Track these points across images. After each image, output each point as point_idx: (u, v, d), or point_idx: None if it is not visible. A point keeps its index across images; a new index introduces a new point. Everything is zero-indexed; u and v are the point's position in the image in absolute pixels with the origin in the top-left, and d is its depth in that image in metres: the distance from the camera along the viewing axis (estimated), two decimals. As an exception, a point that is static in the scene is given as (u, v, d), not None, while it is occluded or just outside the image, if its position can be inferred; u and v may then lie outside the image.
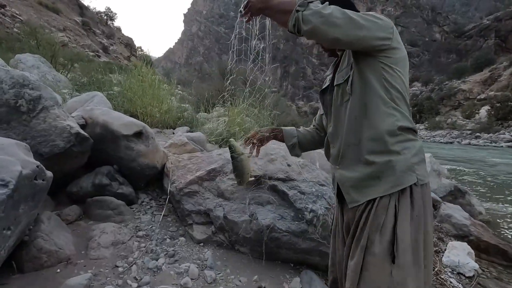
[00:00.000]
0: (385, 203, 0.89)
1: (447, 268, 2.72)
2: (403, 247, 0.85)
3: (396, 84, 0.94)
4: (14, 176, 1.27)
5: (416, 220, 0.88)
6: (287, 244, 1.90)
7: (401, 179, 0.89)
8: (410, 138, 0.94)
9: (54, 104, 1.95)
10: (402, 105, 0.95)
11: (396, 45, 0.94)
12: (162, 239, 2.01)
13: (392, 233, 0.87)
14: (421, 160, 0.93)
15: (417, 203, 0.88)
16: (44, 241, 1.57)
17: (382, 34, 0.91)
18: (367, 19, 0.89)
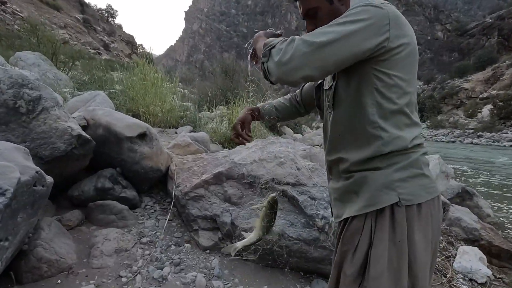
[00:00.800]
0: (360, 222, 0.81)
1: (459, 274, 2.64)
2: (375, 273, 0.75)
3: (391, 95, 0.78)
4: (12, 184, 1.19)
5: (398, 246, 0.76)
6: (298, 253, 1.82)
7: (375, 198, 0.78)
8: (401, 153, 0.79)
9: (55, 105, 1.86)
10: (396, 121, 0.79)
11: (396, 42, 0.75)
12: (166, 246, 1.94)
13: (366, 255, 0.78)
14: (411, 176, 0.78)
15: (400, 226, 0.76)
16: (44, 249, 1.49)
17: (373, 41, 0.72)
18: (348, 31, 0.71)
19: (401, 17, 0.78)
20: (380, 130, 0.78)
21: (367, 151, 0.80)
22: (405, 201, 0.76)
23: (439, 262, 2.71)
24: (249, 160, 2.17)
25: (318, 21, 0.89)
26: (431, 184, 0.81)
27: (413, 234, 0.76)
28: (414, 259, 0.76)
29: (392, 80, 0.77)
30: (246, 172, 2.07)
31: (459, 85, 49.65)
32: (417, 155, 0.80)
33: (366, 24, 0.72)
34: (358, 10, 0.74)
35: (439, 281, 2.37)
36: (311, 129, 14.83)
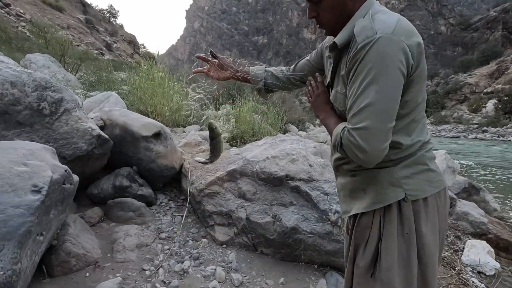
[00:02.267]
0: (369, 218, 0.85)
1: (468, 267, 2.68)
2: (387, 265, 0.80)
3: (405, 111, 0.80)
4: (46, 182, 1.26)
5: (407, 238, 0.80)
6: (312, 246, 1.88)
7: (383, 196, 0.82)
8: (404, 150, 0.82)
9: (75, 106, 1.93)
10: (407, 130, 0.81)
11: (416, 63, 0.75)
12: (184, 241, 2.01)
13: (376, 248, 0.83)
14: (416, 172, 0.82)
15: (407, 220, 0.80)
16: (72, 245, 1.56)
17: (403, 78, 0.73)
18: (382, 89, 0.71)
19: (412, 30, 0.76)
20: (394, 143, 0.79)
21: None
22: (411, 196, 0.80)
23: (448, 255, 2.76)
24: (262, 157, 2.22)
25: (320, 9, 0.86)
26: (437, 178, 0.85)
27: (421, 227, 0.80)
28: (423, 250, 0.81)
29: (407, 96, 0.78)
30: (259, 169, 2.13)
31: (463, 80, 49.24)
32: (422, 152, 0.84)
33: (390, 68, 0.71)
34: (373, 58, 0.71)
35: (448, 273, 2.42)
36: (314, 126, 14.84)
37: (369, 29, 0.74)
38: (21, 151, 1.36)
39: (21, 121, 1.73)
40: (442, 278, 2.29)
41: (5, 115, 1.67)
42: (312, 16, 0.89)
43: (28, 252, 1.15)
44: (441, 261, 2.62)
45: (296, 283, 1.76)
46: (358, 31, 0.76)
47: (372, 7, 0.81)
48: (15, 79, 1.70)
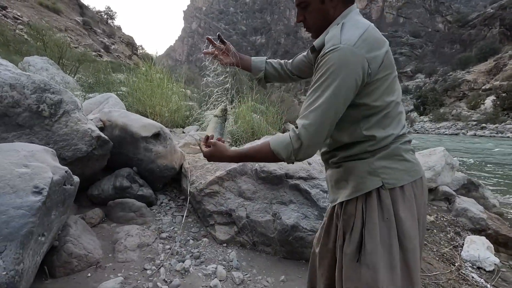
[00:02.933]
0: (353, 206, 0.91)
1: (467, 263, 2.70)
2: (370, 249, 0.86)
3: (372, 111, 0.88)
4: (47, 183, 1.27)
5: (387, 223, 0.86)
6: (312, 243, 1.89)
7: (362, 184, 0.89)
8: (379, 143, 0.89)
9: (75, 108, 1.94)
10: (380, 125, 0.89)
11: (376, 71, 0.83)
12: (185, 241, 2.02)
13: (361, 235, 0.88)
14: (392, 163, 0.89)
15: (386, 206, 0.87)
16: (73, 245, 1.57)
17: (356, 86, 0.82)
18: (330, 95, 0.80)
19: (375, 41, 0.84)
20: (368, 136, 0.89)
21: (356, 149, 0.92)
22: (388, 184, 0.87)
23: (447, 251, 2.78)
24: (261, 156, 2.23)
25: (307, 14, 0.96)
26: (413, 168, 0.92)
27: (399, 213, 0.87)
28: (403, 234, 0.87)
29: (371, 98, 0.86)
30: (259, 168, 2.14)
31: (461, 77, 49.32)
32: (397, 145, 0.90)
33: (344, 76, 0.80)
34: (332, 63, 0.80)
35: (448, 269, 2.44)
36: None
37: (336, 38, 0.83)
38: (21, 153, 1.37)
39: (20, 123, 1.74)
40: (442, 274, 2.31)
41: (5, 118, 1.68)
42: (300, 20, 0.99)
43: (30, 252, 1.16)
44: (441, 257, 2.64)
45: (297, 281, 1.77)
46: (328, 38, 0.86)
47: (347, 16, 0.90)
48: (14, 82, 1.71)
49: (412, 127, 42.51)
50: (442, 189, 3.79)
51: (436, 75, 58.88)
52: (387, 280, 0.85)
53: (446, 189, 3.81)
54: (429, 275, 2.23)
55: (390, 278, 0.86)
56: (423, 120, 45.77)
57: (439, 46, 72.45)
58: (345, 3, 0.92)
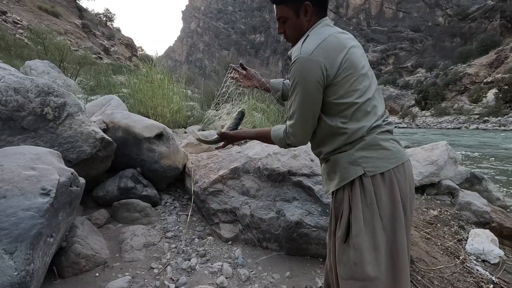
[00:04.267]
0: (341, 194, 1.02)
1: (472, 256, 2.70)
2: (356, 231, 0.95)
3: (341, 107, 0.98)
4: (54, 185, 1.29)
5: (370, 207, 0.95)
6: (316, 240, 1.90)
7: (346, 174, 0.99)
8: (353, 135, 0.99)
9: (78, 110, 1.96)
10: (354, 117, 0.98)
11: (334, 73, 0.95)
12: (190, 239, 2.03)
13: (348, 219, 0.98)
14: (371, 152, 0.98)
15: (368, 192, 0.95)
16: (81, 246, 1.59)
17: (320, 87, 0.97)
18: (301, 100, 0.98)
19: (332, 48, 0.96)
20: (343, 129, 0.99)
21: (336, 143, 1.02)
22: (369, 172, 0.96)
23: (451, 245, 2.79)
24: (264, 154, 2.25)
25: (286, 27, 1.10)
26: (393, 155, 0.99)
27: (381, 197, 0.95)
28: (386, 217, 0.96)
29: (337, 94, 0.97)
30: (262, 166, 2.16)
31: (463, 71, 49.03)
32: (373, 135, 0.99)
33: (306, 82, 0.95)
34: (295, 73, 0.97)
35: (453, 262, 2.45)
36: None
37: (297, 49, 0.98)
38: (28, 156, 1.39)
39: (25, 127, 1.76)
40: (446, 267, 2.32)
41: (10, 121, 1.70)
42: (281, 32, 1.14)
43: (40, 253, 1.18)
44: (445, 251, 2.65)
45: (302, 277, 1.78)
46: (293, 50, 1.03)
47: (314, 29, 1.03)
48: (18, 86, 1.73)
49: (414, 122, 42.32)
50: (445, 183, 3.79)
51: (437, 69, 58.55)
52: (372, 260, 0.94)
53: (449, 183, 3.80)
54: (434, 269, 2.24)
55: (374, 257, 0.94)
56: (424, 115, 45.57)
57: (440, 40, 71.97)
58: (318, 16, 1.05)
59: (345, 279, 0.98)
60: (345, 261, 0.98)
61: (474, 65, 49.31)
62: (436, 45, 71.65)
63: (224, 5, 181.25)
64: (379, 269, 0.93)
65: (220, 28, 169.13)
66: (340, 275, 1.01)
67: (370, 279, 0.93)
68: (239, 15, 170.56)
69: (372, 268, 0.93)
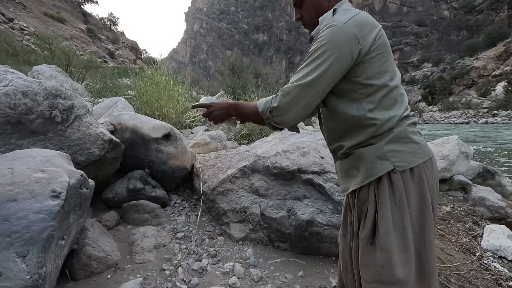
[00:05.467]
0: (365, 192, 0.93)
1: (488, 252, 2.63)
2: (384, 232, 0.88)
3: (369, 90, 0.90)
4: (64, 187, 1.28)
5: (399, 205, 0.88)
6: (329, 238, 1.87)
7: (373, 170, 0.90)
8: (383, 126, 0.90)
9: (86, 112, 1.96)
10: (382, 105, 0.91)
11: (367, 49, 0.87)
12: (201, 240, 2.02)
13: (374, 219, 0.90)
14: (401, 145, 0.90)
15: (398, 189, 0.88)
16: (92, 248, 1.59)
17: (347, 63, 0.86)
18: (318, 65, 0.86)
19: (365, 23, 0.88)
20: (371, 120, 0.90)
21: (363, 136, 0.93)
22: (399, 167, 0.88)
23: (466, 241, 2.72)
24: (272, 152, 2.22)
25: (303, 11, 1.05)
26: (421, 149, 0.92)
27: (410, 194, 0.89)
28: (413, 215, 0.89)
29: (367, 77, 0.88)
30: (271, 164, 2.13)
31: (470, 64, 48.19)
32: (403, 127, 0.91)
33: (338, 50, 0.85)
34: (326, 38, 0.86)
35: (469, 259, 2.38)
36: (320, 120, 14.71)
37: (328, 19, 0.91)
38: (37, 158, 1.38)
39: (34, 130, 1.76)
40: (463, 265, 2.26)
41: (19, 125, 1.71)
42: (298, 18, 1.07)
43: (52, 256, 1.17)
44: (460, 248, 2.58)
45: (315, 276, 1.75)
46: (321, 20, 0.94)
47: (340, 6, 0.96)
48: (26, 89, 1.73)
49: (421, 117, 41.73)
50: (458, 179, 3.70)
51: (443, 64, 57.68)
52: (402, 261, 0.87)
53: (462, 178, 3.72)
54: (450, 266, 2.18)
55: (404, 259, 0.87)
56: (432, 110, 44.93)
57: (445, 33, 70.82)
58: None
59: (370, 282, 0.91)
60: (370, 263, 0.91)
61: (481, 58, 48.42)
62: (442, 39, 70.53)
63: (226, 5, 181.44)
64: (409, 271, 0.87)
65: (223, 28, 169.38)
66: (364, 279, 0.93)
67: (399, 282, 0.87)
68: (242, 15, 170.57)
69: (402, 271, 0.87)
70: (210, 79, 14.59)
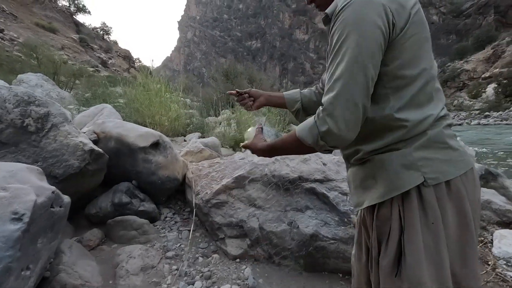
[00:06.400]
0: (387, 209, 0.74)
1: (501, 260, 2.47)
2: (413, 261, 0.68)
3: (399, 82, 0.71)
4: (29, 207, 1.09)
5: (433, 228, 0.69)
6: (335, 253, 1.69)
7: (398, 182, 0.71)
8: (415, 128, 0.71)
9: (64, 121, 1.77)
10: (414, 104, 0.72)
11: (400, 26, 0.68)
12: (194, 259, 1.82)
13: (399, 243, 0.71)
14: (435, 152, 0.71)
15: (431, 207, 0.69)
16: (67, 275, 1.39)
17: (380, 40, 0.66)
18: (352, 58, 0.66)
19: None
20: (399, 122, 0.71)
21: (387, 139, 0.74)
22: (431, 180, 0.69)
23: (478, 249, 2.56)
24: (270, 159, 2.05)
25: None
26: (461, 158, 0.73)
27: (446, 214, 0.69)
28: (451, 240, 0.69)
29: (399, 65, 0.70)
30: (269, 172, 1.96)
31: (460, 67, 49.04)
32: (439, 128, 0.72)
33: (364, 30, 0.65)
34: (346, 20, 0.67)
35: (483, 269, 2.22)
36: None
37: None
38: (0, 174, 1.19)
39: (4, 141, 1.57)
40: (478, 276, 2.09)
41: (-15, 136, 1.51)
42: (310, 1, 0.90)
43: (10, 292, 0.98)
44: (473, 256, 2.42)
45: (322, 297, 1.57)
46: None
47: None
48: (-6, 95, 1.54)
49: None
50: (462, 182, 3.57)
51: (434, 67, 58.62)
52: None
53: (475, 169, 3.59)
54: (465, 279, 2.02)
55: None
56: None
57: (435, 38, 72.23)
58: None
59: None
60: None
61: (471, 61, 49.34)
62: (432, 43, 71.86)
63: (219, 13, 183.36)
64: None
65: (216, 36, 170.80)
66: None
67: None
68: (235, 22, 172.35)
69: None
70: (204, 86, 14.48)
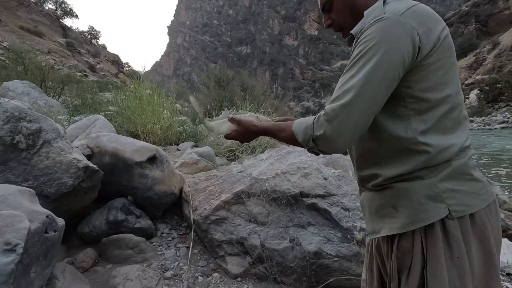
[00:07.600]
0: (408, 241, 0.71)
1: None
2: None
3: (425, 104, 0.69)
4: (22, 236, 1.02)
5: (458, 263, 0.66)
6: (339, 271, 1.66)
7: (422, 213, 0.69)
8: (438, 155, 0.69)
9: (57, 136, 1.69)
10: (439, 128, 0.69)
11: (428, 49, 0.66)
12: (193, 278, 1.76)
13: (422, 278, 0.68)
14: (461, 183, 0.69)
15: (456, 241, 0.67)
16: (61, 303, 1.31)
17: (402, 62, 0.64)
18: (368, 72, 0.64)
19: (428, 15, 0.68)
20: (422, 146, 0.69)
21: (408, 166, 0.71)
22: (456, 212, 0.67)
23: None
24: (271, 174, 2.02)
25: (333, 15, 0.87)
26: (484, 189, 0.71)
27: (471, 248, 0.67)
28: (476, 274, 0.67)
29: (424, 88, 0.68)
30: (270, 188, 1.93)
31: (444, 74, 50.57)
32: (465, 159, 0.70)
33: (390, 48, 0.64)
34: (374, 34, 0.65)
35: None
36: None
37: (378, 10, 0.71)
38: (-10, 199, 1.12)
39: (-8, 160, 1.48)
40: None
41: (-28, 155, 1.43)
42: (329, 24, 0.88)
43: (2, 332, 0.90)
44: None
45: (327, 317, 1.53)
46: (367, 13, 0.74)
47: None
48: (-18, 112, 1.46)
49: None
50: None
51: (420, 73, 60.32)
52: None
53: (497, 201, 3.65)
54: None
55: None
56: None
57: (420, 45, 74.55)
58: None
59: None
60: None
61: (454, 68, 51.02)
62: (417, 50, 74.08)
63: (209, 19, 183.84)
64: None
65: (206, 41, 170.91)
66: None
67: None
68: (225, 28, 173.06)
69: None
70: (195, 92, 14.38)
